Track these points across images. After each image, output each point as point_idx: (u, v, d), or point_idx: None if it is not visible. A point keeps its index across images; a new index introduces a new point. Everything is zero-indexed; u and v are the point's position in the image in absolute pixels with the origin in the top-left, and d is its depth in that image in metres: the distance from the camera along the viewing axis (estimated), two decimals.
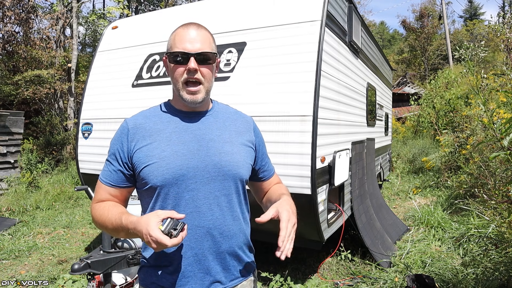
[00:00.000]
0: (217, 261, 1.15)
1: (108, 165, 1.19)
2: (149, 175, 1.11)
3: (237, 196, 1.21)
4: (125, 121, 1.21)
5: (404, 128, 14.09)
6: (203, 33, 1.16)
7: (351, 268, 3.58)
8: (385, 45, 45.12)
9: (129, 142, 1.15)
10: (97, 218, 1.14)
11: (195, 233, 1.12)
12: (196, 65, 1.11)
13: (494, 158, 2.24)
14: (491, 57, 17.51)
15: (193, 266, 1.13)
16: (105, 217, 1.11)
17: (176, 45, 1.13)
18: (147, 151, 1.13)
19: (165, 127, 1.17)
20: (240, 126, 1.28)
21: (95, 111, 4.08)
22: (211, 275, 1.15)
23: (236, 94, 3.13)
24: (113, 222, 1.08)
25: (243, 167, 1.21)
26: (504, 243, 3.04)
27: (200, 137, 1.17)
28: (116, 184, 1.17)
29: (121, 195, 1.20)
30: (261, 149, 1.34)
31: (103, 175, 1.19)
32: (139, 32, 4.00)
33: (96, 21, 15.68)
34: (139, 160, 1.13)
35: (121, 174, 1.16)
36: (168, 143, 1.14)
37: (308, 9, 3.02)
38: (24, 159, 8.13)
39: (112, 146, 1.19)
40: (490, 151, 4.75)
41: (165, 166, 1.11)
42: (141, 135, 1.16)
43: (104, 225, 1.12)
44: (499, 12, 5.29)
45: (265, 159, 1.36)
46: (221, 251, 1.15)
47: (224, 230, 1.15)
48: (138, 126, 1.17)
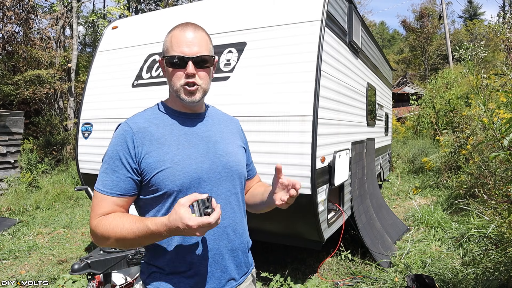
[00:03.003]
0: (232, 259, 1.17)
1: (111, 174, 1.07)
2: (164, 180, 1.06)
3: (242, 194, 1.25)
4: (127, 124, 1.12)
5: (404, 128, 14.09)
6: (200, 35, 1.13)
7: (351, 268, 3.58)
8: (385, 45, 45.12)
9: (136, 147, 1.08)
10: (108, 232, 1.02)
11: (213, 234, 1.13)
12: (194, 69, 1.10)
13: (494, 158, 2.24)
14: (491, 57, 17.51)
15: (211, 267, 1.13)
16: (120, 228, 1.00)
17: (173, 48, 1.10)
18: (158, 156, 1.08)
19: (170, 130, 1.14)
20: (231, 127, 1.32)
21: (95, 111, 4.07)
22: (227, 273, 1.16)
23: (236, 94, 3.13)
24: (136, 231, 0.99)
25: (244, 166, 1.27)
26: (504, 243, 3.04)
27: (207, 139, 1.18)
28: (124, 194, 1.08)
29: (127, 205, 1.11)
30: (248, 149, 1.40)
31: (106, 187, 1.07)
32: (139, 32, 3.99)
33: (96, 21, 15.69)
34: (150, 166, 1.07)
35: (131, 182, 1.08)
36: (179, 147, 1.11)
37: (308, 9, 3.01)
38: (24, 159, 8.14)
39: (113, 152, 1.09)
40: (490, 151, 4.75)
41: (181, 170, 1.08)
42: (148, 139, 1.09)
43: (120, 238, 1.01)
44: (499, 12, 5.29)
45: (250, 158, 1.41)
46: (235, 249, 1.18)
47: (236, 228, 1.19)
48: (143, 130, 1.11)
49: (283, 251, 4.13)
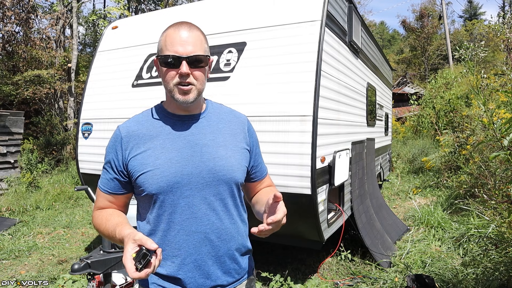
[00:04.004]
0: (217, 265, 1.15)
1: (105, 173, 1.19)
2: (144, 183, 1.11)
3: (232, 200, 1.20)
4: (118, 129, 1.19)
5: (404, 128, 14.08)
6: (195, 34, 1.12)
7: (351, 268, 3.58)
8: (385, 45, 45.12)
9: (123, 151, 1.15)
10: (97, 226, 1.18)
11: (193, 239, 1.12)
12: (188, 69, 1.09)
13: (494, 158, 2.24)
14: (491, 57, 17.51)
15: (193, 272, 1.13)
16: (103, 226, 1.14)
17: (167, 48, 1.10)
18: (142, 159, 1.13)
19: (159, 133, 1.16)
20: (234, 127, 1.26)
21: (95, 111, 4.07)
22: (212, 280, 1.15)
23: (236, 94, 3.13)
24: (110, 233, 1.10)
25: (238, 170, 1.20)
26: (504, 243, 3.04)
27: (194, 143, 1.16)
28: (113, 192, 1.18)
29: (120, 202, 1.21)
30: (255, 150, 1.32)
31: (101, 183, 1.20)
32: (139, 32, 3.99)
33: (96, 21, 15.69)
34: (134, 168, 1.13)
35: (117, 182, 1.17)
36: (162, 151, 1.13)
37: (308, 9, 3.01)
38: (24, 159, 8.13)
39: (107, 154, 1.19)
40: (490, 151, 4.75)
41: (159, 174, 1.10)
42: (135, 143, 1.15)
43: (103, 234, 1.16)
44: (499, 12, 5.29)
45: (258, 159, 1.34)
46: (220, 255, 1.16)
47: (221, 234, 1.16)
48: (131, 134, 1.16)
49: (283, 251, 4.13)
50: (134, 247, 0.92)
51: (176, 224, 1.12)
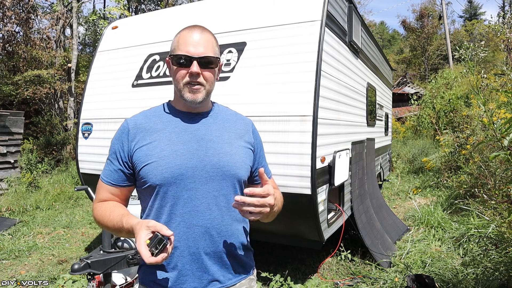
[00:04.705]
0: (214, 260, 1.16)
1: (108, 165, 1.20)
2: (148, 174, 1.13)
3: (235, 196, 1.21)
4: (126, 121, 1.22)
5: (404, 128, 14.09)
6: (206, 37, 1.17)
7: (351, 268, 3.58)
8: (385, 45, 45.11)
9: (130, 142, 1.17)
10: (98, 218, 1.17)
11: (193, 232, 1.13)
12: (198, 69, 1.14)
13: (494, 158, 2.24)
14: (491, 57, 17.51)
15: (190, 265, 1.14)
16: (106, 218, 1.13)
17: (179, 48, 1.15)
18: (147, 150, 1.15)
19: (165, 126, 1.19)
20: (239, 128, 1.29)
21: (95, 111, 4.07)
22: (209, 274, 1.15)
23: (236, 94, 3.13)
24: (115, 223, 1.10)
25: (242, 168, 1.22)
26: (504, 243, 3.04)
27: (200, 138, 1.19)
28: (116, 183, 1.19)
29: (122, 194, 1.22)
30: (259, 152, 1.35)
31: (104, 175, 1.21)
32: (139, 32, 3.99)
33: (96, 21, 15.69)
34: (139, 159, 1.15)
35: (121, 173, 1.18)
36: (168, 143, 1.16)
37: (308, 9, 3.01)
38: (24, 159, 8.13)
39: (112, 145, 1.20)
40: (490, 151, 4.75)
41: (164, 165, 1.12)
42: (142, 135, 1.17)
43: (106, 225, 1.15)
44: (499, 12, 5.29)
45: (262, 162, 1.36)
46: (219, 251, 1.16)
47: (222, 230, 1.16)
48: (139, 126, 1.19)
49: (283, 251, 4.13)
50: (148, 234, 0.95)
51: (177, 216, 1.13)
